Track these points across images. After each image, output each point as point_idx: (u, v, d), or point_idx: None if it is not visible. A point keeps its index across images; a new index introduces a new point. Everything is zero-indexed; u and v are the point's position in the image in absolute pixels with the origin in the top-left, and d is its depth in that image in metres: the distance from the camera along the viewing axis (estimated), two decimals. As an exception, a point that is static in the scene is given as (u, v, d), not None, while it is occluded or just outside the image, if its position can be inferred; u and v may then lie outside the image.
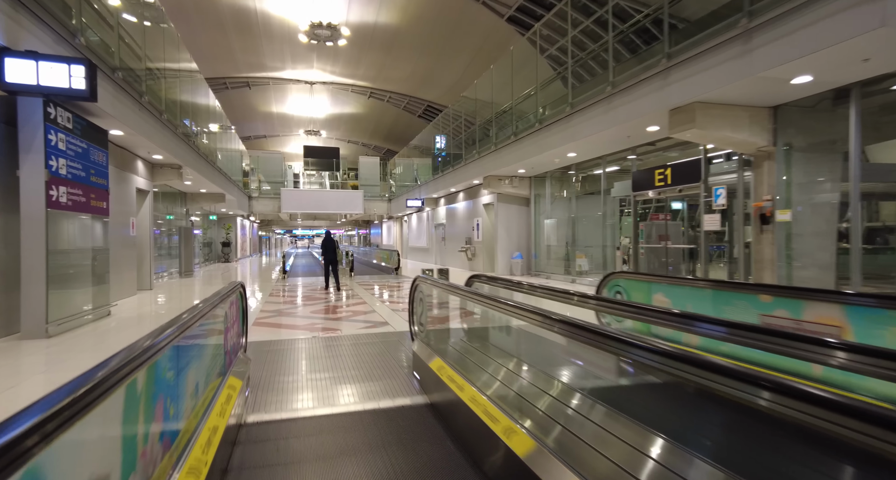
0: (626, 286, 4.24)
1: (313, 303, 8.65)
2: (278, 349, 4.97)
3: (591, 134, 8.66)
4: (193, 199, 18.51)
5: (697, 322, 2.28)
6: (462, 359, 3.34)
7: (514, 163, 11.91)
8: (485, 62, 23.35)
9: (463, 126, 16.17)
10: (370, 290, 10.85)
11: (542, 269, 13.92)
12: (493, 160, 13.06)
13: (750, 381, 1.13)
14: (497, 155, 12.69)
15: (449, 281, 3.66)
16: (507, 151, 12.11)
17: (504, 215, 14.50)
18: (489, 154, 13.21)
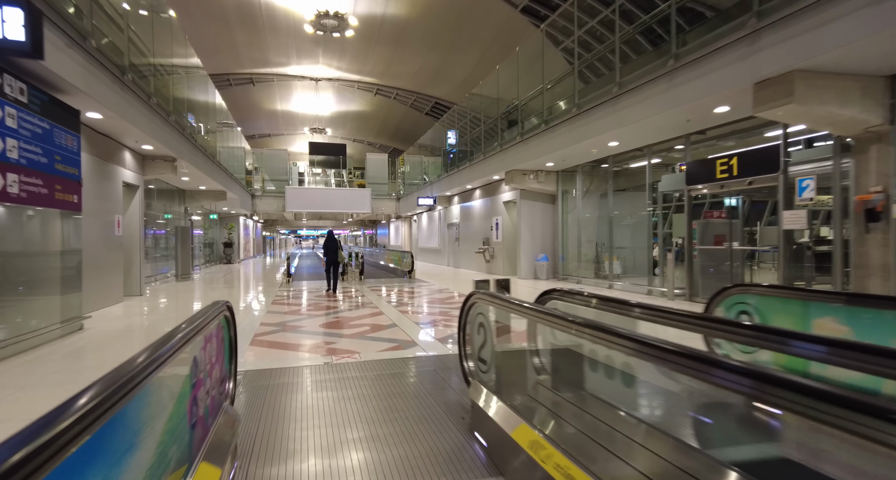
0: (760, 306, 3.04)
1: (323, 313, 7.49)
2: (281, 382, 3.80)
3: (644, 118, 7.46)
4: (193, 197, 17.43)
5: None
6: (577, 437, 2.13)
7: (542, 155, 10.71)
8: (497, 57, 22.33)
9: (482, 118, 14.98)
10: (385, 297, 9.68)
11: (570, 272, 12.71)
12: (517, 153, 11.87)
13: None
14: (523, 147, 11.50)
15: (533, 304, 2.48)
16: (535, 142, 10.92)
17: (528, 214, 13.30)
18: (513, 146, 12.02)
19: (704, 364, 1.29)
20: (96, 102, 6.23)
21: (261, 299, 9.35)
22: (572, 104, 9.32)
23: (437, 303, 8.50)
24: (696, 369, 1.32)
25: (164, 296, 9.87)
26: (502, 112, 13.22)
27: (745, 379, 1.15)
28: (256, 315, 7.23)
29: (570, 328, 2.03)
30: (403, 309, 7.81)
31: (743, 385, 1.16)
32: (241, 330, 5.97)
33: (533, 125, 11.13)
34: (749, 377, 1.14)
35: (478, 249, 15.69)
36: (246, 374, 3.98)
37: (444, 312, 7.42)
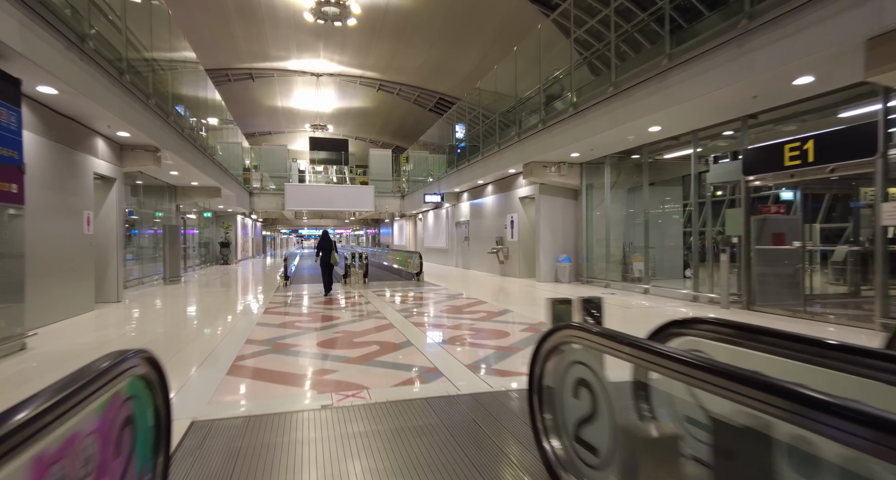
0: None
1: (322, 327, 6.33)
2: (257, 442, 2.64)
3: (701, 96, 6.29)
4: (185, 193, 16.32)
5: None
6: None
7: (568, 144, 9.54)
8: (504, 50, 21.17)
9: (496, 107, 13.79)
10: (392, 303, 8.52)
11: (595, 275, 11.54)
12: (539, 143, 10.70)
13: None
14: (546, 135, 10.33)
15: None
16: (560, 129, 9.74)
17: (548, 210, 12.13)
18: (534, 135, 10.84)
19: None
20: (46, 71, 5.09)
21: (252, 306, 8.20)
22: (608, 83, 8.14)
23: (455, 312, 7.33)
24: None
25: (142, 304, 8.73)
26: (522, 98, 12.03)
27: None
28: (243, 329, 6.07)
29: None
30: (417, 321, 6.65)
31: None
32: (223, 350, 4.83)
33: (557, 111, 9.95)
34: None
35: (491, 249, 14.52)
36: (211, 428, 2.83)
37: (468, 325, 6.25)
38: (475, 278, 13.93)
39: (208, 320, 6.92)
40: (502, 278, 13.40)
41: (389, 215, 30.29)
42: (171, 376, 1.67)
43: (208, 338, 5.59)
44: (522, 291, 10.46)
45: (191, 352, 4.89)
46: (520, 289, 10.79)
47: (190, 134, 11.55)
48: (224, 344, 5.18)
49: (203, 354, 4.74)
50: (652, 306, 7.88)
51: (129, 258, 13.08)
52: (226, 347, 5.03)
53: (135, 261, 12.81)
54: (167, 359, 4.47)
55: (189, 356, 4.70)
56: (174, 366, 4.30)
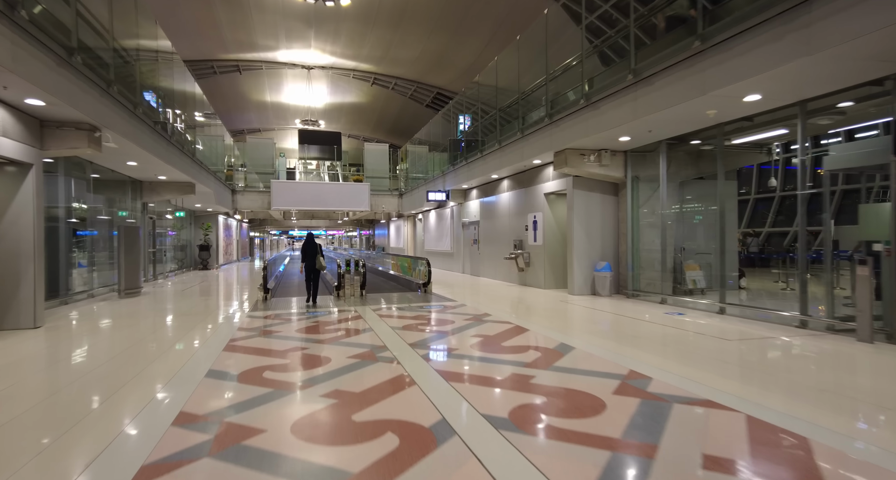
0: None
1: (304, 383, 4.20)
2: None
3: (850, 39, 4.27)
4: (153, 189, 14.10)
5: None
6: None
7: (623, 123, 7.47)
8: (506, 39, 19.40)
9: (516, 87, 11.68)
10: (401, 332, 6.39)
11: (642, 287, 9.51)
12: (579, 124, 8.62)
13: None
14: (590, 114, 8.26)
15: None
16: (613, 103, 7.67)
17: (583, 208, 10.07)
18: (573, 115, 8.76)
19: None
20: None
21: (211, 339, 6.03)
22: (692, 37, 6.07)
23: (493, 350, 5.23)
24: None
25: (62, 333, 6.51)
26: (554, 71, 9.92)
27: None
28: (180, 391, 3.92)
29: None
30: (445, 368, 4.52)
31: None
32: (122, 451, 2.60)
33: (608, 83, 7.88)
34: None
35: (509, 254, 12.43)
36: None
37: (525, 379, 4.13)
38: (491, 288, 11.83)
39: (137, 365, 4.75)
40: (524, 290, 11.31)
41: (386, 214, 28.14)
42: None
43: (112, 416, 3.44)
44: (561, 309, 8.38)
45: (69, 452, 2.74)
46: (555, 306, 8.71)
47: (148, 115, 9.35)
48: (135, 434, 3.03)
49: (88, 457, 2.60)
50: (765, 339, 5.83)
51: (80, 265, 10.87)
52: (134, 444, 2.88)
53: (86, 269, 10.59)
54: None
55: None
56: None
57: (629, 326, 6.53)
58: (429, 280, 10.86)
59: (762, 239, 15.22)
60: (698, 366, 4.42)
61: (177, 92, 12.71)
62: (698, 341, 5.49)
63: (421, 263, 11.50)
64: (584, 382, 3.96)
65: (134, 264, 10.71)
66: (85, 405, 3.56)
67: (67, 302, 9.31)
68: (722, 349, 5.09)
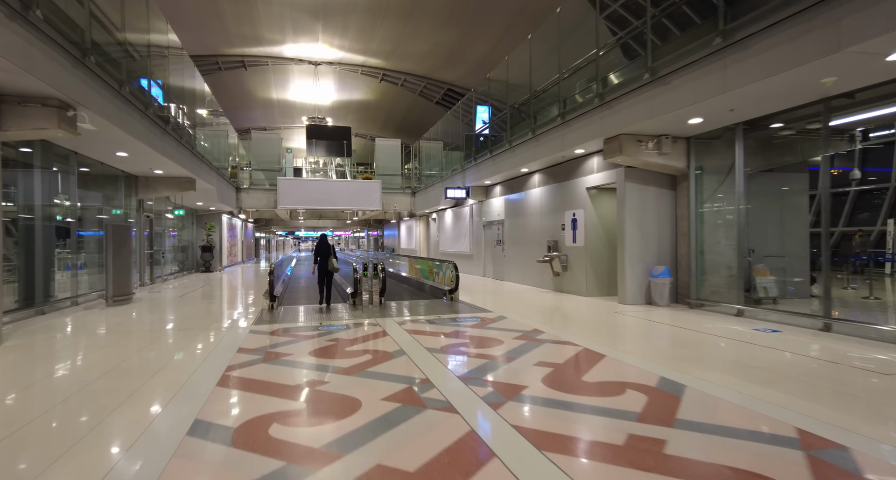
0: None
1: (333, 444, 2.93)
2: None
3: None
4: (149, 185, 12.91)
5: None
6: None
7: (703, 99, 6.13)
8: (521, 33, 17.48)
9: (558, 61, 10.36)
10: (439, 356, 5.10)
11: (706, 295, 8.17)
12: (640, 104, 7.29)
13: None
14: (657, 91, 6.91)
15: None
16: (690, 76, 6.31)
17: (636, 204, 8.75)
18: (632, 94, 7.41)
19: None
20: None
21: (200, 370, 4.75)
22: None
23: (569, 387, 3.92)
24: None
25: (25, 352, 5.26)
26: (604, 45, 8.56)
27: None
28: (149, 461, 2.64)
29: None
30: (534, 429, 3.21)
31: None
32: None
33: (682, 52, 6.53)
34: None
35: (542, 257, 11.10)
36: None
37: (673, 455, 2.81)
38: (524, 296, 10.51)
39: (94, 414, 3.49)
40: (562, 298, 9.98)
41: (396, 214, 26.88)
42: None
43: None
44: (622, 324, 7.05)
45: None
46: (613, 319, 7.38)
47: (138, 98, 8.12)
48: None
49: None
50: None
51: (68, 268, 9.68)
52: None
53: (71, 273, 9.40)
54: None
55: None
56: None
57: (730, 350, 5.19)
58: (456, 286, 9.56)
59: (835, 239, 13.76)
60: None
61: (173, 75, 11.49)
62: (853, 377, 4.14)
63: (446, 266, 10.20)
64: (746, 453, 2.64)
65: (123, 268, 9.48)
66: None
67: (45, 312, 8.10)
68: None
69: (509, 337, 5.83)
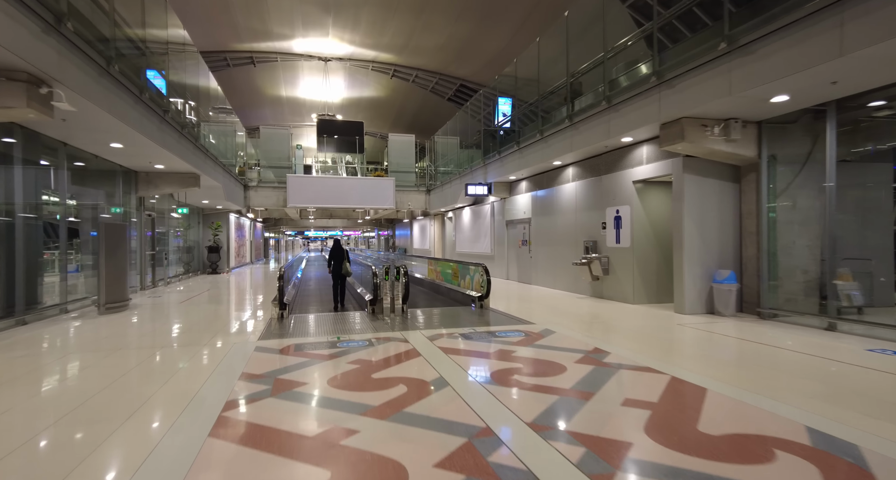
0: None
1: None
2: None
3: None
4: (150, 181, 12.02)
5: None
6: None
7: (804, 68, 5.02)
8: (538, 26, 16.84)
9: (603, 38, 9.25)
10: (492, 384, 4.06)
11: (780, 305, 7.03)
12: (711, 80, 6.17)
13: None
14: (736, 63, 5.79)
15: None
16: (785, 41, 5.17)
17: (696, 198, 7.64)
18: (702, 68, 6.30)
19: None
20: None
21: (188, 410, 3.74)
22: None
23: (719, 457, 2.85)
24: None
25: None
26: (664, 15, 7.42)
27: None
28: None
29: None
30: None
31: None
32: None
33: (773, 12, 5.40)
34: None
35: (580, 259, 10.00)
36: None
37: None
38: (561, 302, 9.43)
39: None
40: (606, 305, 8.89)
41: (409, 213, 25.88)
42: None
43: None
44: (695, 339, 5.95)
45: None
46: (682, 333, 6.28)
47: (129, 79, 7.16)
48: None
49: None
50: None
51: (61, 271, 8.80)
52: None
53: (63, 276, 8.51)
54: None
55: None
56: None
57: (872, 383, 4.08)
58: (487, 293, 8.50)
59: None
60: None
61: (174, 60, 10.55)
62: None
63: (474, 270, 9.15)
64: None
65: (118, 272, 8.55)
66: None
67: (28, 321, 7.18)
68: None
69: (570, 360, 4.76)
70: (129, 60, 7.44)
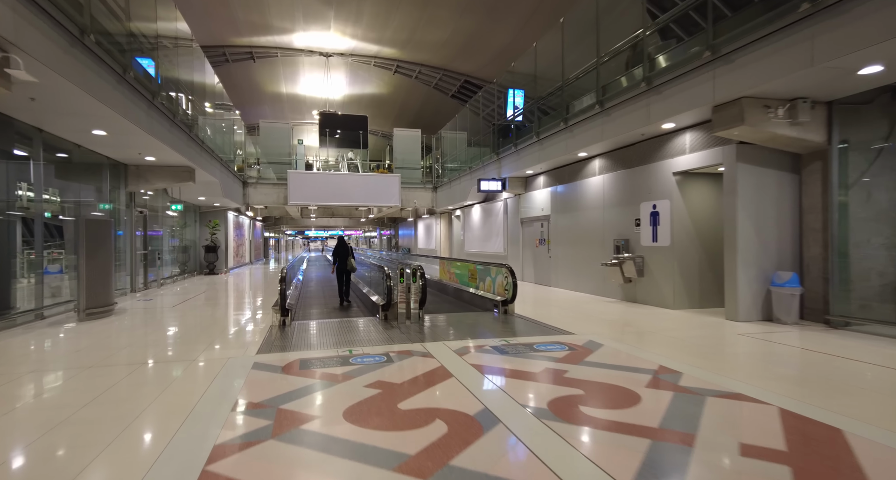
0: None
1: None
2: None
3: None
4: (139, 175, 11.13)
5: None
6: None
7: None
8: (545, 20, 16.37)
9: (641, 13, 8.36)
10: (554, 420, 3.20)
11: (853, 312, 6.15)
12: (785, 50, 5.27)
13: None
14: (823, 27, 4.91)
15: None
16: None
17: (751, 191, 6.75)
18: (775, 36, 5.40)
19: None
20: None
21: (166, 455, 2.85)
22: None
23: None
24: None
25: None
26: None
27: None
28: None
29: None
30: None
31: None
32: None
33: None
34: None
35: (610, 259, 9.12)
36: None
37: None
38: (590, 307, 8.55)
39: None
40: (643, 311, 8.00)
41: (414, 211, 25.01)
42: None
43: None
44: (776, 353, 5.06)
45: None
46: (752, 346, 5.39)
47: (108, 52, 6.28)
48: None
49: None
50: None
51: (46, 271, 7.95)
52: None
53: (44, 277, 7.63)
54: None
55: None
56: None
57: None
58: (512, 297, 7.60)
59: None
60: None
61: (163, 30, 9.67)
62: None
63: (496, 272, 8.25)
64: None
65: (101, 273, 7.66)
66: None
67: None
68: None
69: (639, 384, 3.87)
70: (110, 34, 6.55)
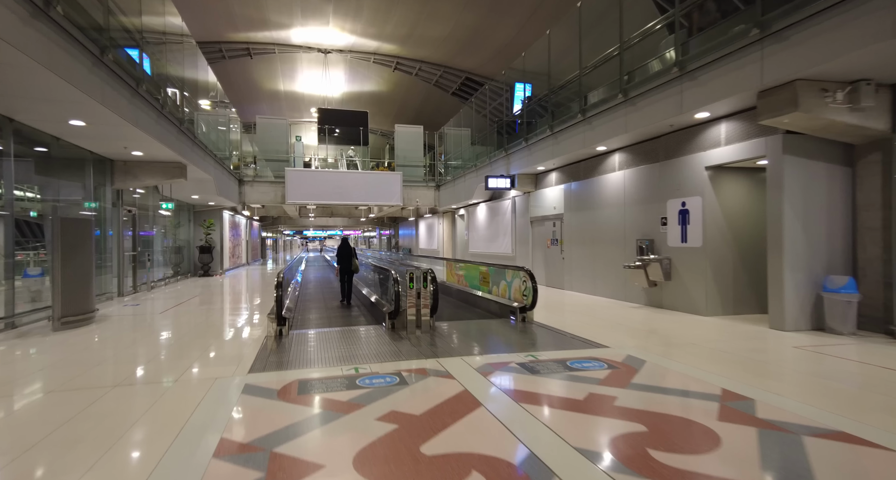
0: None
1: None
2: None
3: None
4: (127, 171, 10.43)
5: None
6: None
7: None
8: (551, 14, 16.01)
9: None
10: (615, 470, 2.50)
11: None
12: (859, 20, 4.60)
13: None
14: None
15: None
16: None
17: (799, 187, 6.08)
18: (842, 5, 4.75)
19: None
20: None
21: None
22: None
23: None
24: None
25: None
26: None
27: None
28: None
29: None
30: None
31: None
32: None
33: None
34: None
35: (633, 261, 8.43)
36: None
37: None
38: (614, 313, 7.87)
39: None
40: (672, 317, 7.32)
41: (415, 211, 24.31)
42: None
43: None
44: (851, 373, 4.38)
45: None
46: (817, 363, 4.70)
47: (83, 30, 5.58)
48: None
49: None
50: None
51: (26, 274, 7.27)
52: None
53: (21, 282, 6.94)
54: None
55: None
56: None
57: None
58: (532, 304, 6.92)
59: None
60: None
61: (147, 7, 8.96)
62: None
63: (512, 275, 7.56)
64: None
65: (80, 277, 6.95)
66: None
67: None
68: None
69: (707, 416, 3.19)
70: (84, 9, 5.84)
